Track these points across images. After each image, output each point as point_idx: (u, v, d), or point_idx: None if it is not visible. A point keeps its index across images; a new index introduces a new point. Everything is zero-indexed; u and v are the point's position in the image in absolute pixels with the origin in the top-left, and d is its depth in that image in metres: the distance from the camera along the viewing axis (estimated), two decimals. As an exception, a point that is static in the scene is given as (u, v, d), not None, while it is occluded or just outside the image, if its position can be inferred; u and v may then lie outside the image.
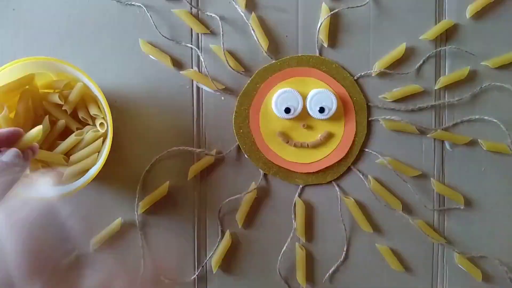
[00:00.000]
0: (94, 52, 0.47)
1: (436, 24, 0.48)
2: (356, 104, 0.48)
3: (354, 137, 0.48)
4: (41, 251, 0.31)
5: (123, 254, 0.48)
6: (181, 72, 0.48)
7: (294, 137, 0.48)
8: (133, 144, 0.48)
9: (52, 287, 0.30)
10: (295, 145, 0.48)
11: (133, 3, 0.47)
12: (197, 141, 0.48)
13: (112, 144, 0.47)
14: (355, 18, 0.48)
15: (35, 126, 0.36)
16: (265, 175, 0.49)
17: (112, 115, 0.47)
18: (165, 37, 0.47)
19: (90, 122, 0.45)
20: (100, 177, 0.48)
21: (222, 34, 0.47)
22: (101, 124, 0.44)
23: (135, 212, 0.48)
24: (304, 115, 0.48)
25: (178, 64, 0.48)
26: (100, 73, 0.47)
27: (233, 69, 0.48)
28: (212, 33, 0.48)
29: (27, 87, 0.43)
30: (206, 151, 0.48)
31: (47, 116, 0.43)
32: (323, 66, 0.48)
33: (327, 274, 0.49)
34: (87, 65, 0.47)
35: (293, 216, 0.49)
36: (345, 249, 0.49)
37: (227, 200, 0.48)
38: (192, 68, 0.48)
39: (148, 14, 0.47)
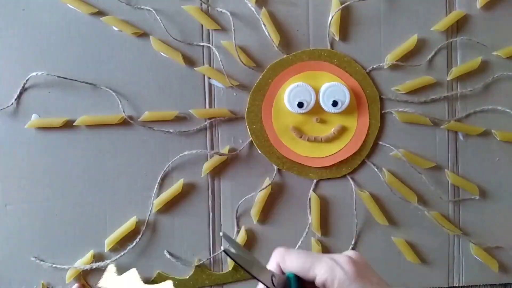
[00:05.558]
0: (105, 50, 0.47)
1: (447, 15, 0.48)
2: (369, 97, 0.48)
3: (368, 130, 0.48)
4: None
5: (137, 253, 0.48)
6: (194, 68, 0.48)
7: (307, 131, 0.48)
8: (146, 142, 0.48)
9: None
10: (308, 140, 0.48)
11: (142, 6, 0.47)
12: (210, 137, 0.48)
13: (125, 141, 0.48)
14: (366, 10, 0.48)
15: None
16: (279, 170, 0.49)
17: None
18: (175, 39, 0.47)
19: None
20: (114, 175, 0.48)
21: (234, 30, 0.47)
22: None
23: (149, 210, 0.47)
24: (317, 109, 0.47)
25: (189, 61, 0.48)
26: (111, 71, 0.47)
27: (245, 65, 0.47)
28: (223, 29, 0.48)
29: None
30: (219, 152, 0.48)
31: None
32: (335, 59, 0.48)
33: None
34: (98, 63, 0.47)
35: (308, 211, 0.48)
36: (352, 243, 0.49)
37: (244, 199, 0.48)
38: (203, 64, 0.48)
39: (158, 18, 0.46)
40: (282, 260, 0.30)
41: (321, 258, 0.29)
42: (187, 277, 0.48)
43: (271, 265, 0.30)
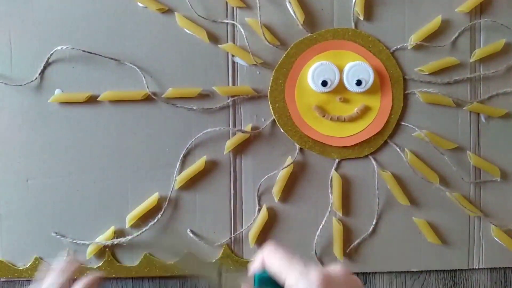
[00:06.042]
0: (130, 26, 0.47)
1: (471, -4, 0.48)
2: (392, 77, 0.48)
3: (391, 110, 0.48)
4: None
5: (158, 230, 0.48)
6: (218, 45, 0.48)
7: (330, 110, 0.48)
8: (169, 118, 0.48)
9: None
10: (331, 119, 0.48)
11: (167, -19, 0.47)
12: (233, 115, 0.48)
13: (148, 117, 0.48)
14: (391, -10, 0.48)
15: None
16: (301, 149, 0.49)
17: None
18: (200, 16, 0.47)
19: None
20: (137, 151, 0.48)
21: (259, 7, 0.47)
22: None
23: (171, 187, 0.47)
24: (340, 88, 0.47)
25: (213, 38, 0.48)
26: (136, 47, 0.47)
27: (269, 43, 0.47)
28: (247, 6, 0.48)
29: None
30: (242, 130, 0.48)
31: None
32: (359, 39, 0.48)
33: (352, 245, 0.49)
34: (123, 39, 0.47)
35: (329, 190, 0.48)
36: (374, 223, 0.49)
37: (266, 177, 0.48)
38: (227, 42, 0.48)
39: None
40: (267, 257, 0.31)
41: (295, 266, 0.29)
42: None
43: (258, 260, 0.32)
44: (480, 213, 0.49)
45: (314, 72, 0.47)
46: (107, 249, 0.47)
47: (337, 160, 0.49)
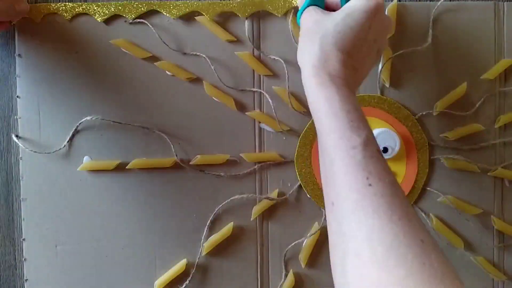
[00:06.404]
0: (158, 94, 0.48)
1: (495, 63, 0.49)
2: (418, 143, 0.49)
3: (416, 176, 0.49)
4: None
5: (186, 295, 0.48)
6: (246, 113, 0.48)
7: (356, 176, 0.48)
8: (196, 185, 0.48)
9: None
10: (357, 185, 0.48)
11: (197, 53, 0.47)
12: (260, 181, 0.49)
13: (176, 183, 0.48)
14: (416, 58, 0.49)
15: None
16: (327, 214, 0.49)
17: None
18: (228, 86, 0.48)
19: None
20: (165, 218, 0.48)
21: (288, 77, 0.47)
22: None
23: (199, 253, 0.48)
24: (366, 155, 0.48)
25: (241, 106, 0.48)
26: (164, 115, 0.48)
27: (296, 110, 0.48)
28: (274, 74, 0.48)
29: None
30: (269, 197, 0.48)
31: None
32: (384, 105, 0.49)
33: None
34: (151, 107, 0.48)
35: (355, 255, 0.49)
36: None
37: (293, 244, 0.48)
38: (254, 109, 0.48)
39: (211, 64, 0.47)
40: None
41: None
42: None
43: None
44: (504, 277, 0.50)
45: (341, 140, 0.47)
46: (138, 323, 0.48)
47: (362, 225, 0.49)
